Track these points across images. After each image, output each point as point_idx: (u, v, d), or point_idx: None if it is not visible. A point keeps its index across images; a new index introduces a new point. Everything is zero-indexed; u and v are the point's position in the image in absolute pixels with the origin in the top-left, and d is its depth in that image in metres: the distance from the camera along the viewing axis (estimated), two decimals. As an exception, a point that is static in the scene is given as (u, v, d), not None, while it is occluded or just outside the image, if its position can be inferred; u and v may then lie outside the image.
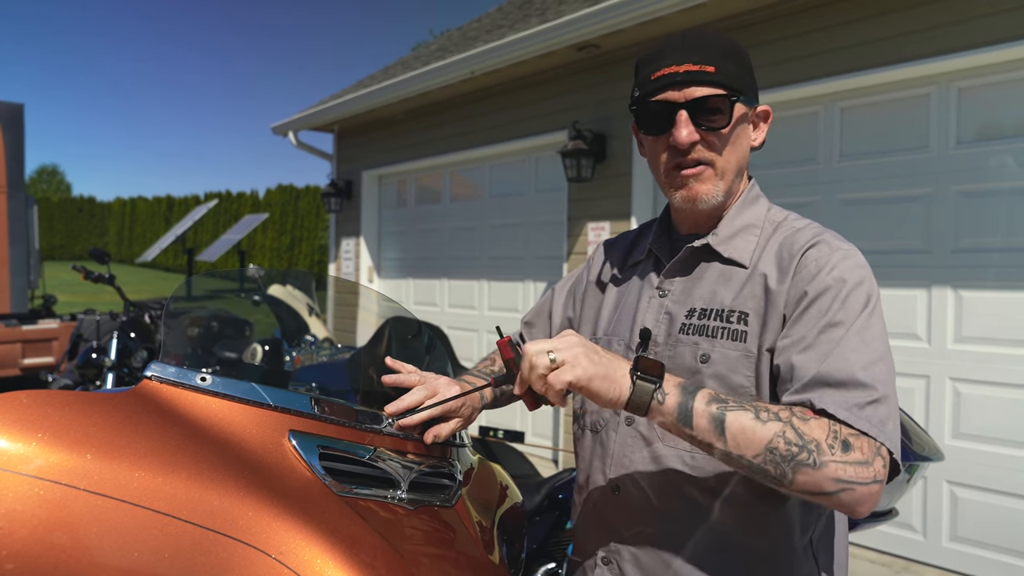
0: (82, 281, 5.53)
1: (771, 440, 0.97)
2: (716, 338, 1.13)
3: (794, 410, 1.00)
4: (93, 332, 6.04)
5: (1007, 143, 3.51)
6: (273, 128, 8.31)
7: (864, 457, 0.97)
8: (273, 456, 0.99)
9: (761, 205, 1.24)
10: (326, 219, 21.01)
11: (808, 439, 0.97)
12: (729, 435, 0.98)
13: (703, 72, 1.12)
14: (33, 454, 0.82)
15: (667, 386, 1.00)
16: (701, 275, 1.20)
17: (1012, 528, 3.45)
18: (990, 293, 3.54)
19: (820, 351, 1.04)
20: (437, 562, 1.06)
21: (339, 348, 3.59)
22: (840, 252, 1.11)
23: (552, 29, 4.96)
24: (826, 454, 0.96)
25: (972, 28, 3.49)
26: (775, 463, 0.97)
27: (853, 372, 1.01)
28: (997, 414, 3.50)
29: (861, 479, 0.97)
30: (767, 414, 0.99)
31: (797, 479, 0.97)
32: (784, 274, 1.11)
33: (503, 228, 6.47)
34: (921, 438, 2.02)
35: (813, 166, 4.21)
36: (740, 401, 1.01)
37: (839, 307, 1.06)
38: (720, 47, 1.15)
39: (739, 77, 1.15)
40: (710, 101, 1.13)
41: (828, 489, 0.97)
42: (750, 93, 1.18)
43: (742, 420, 0.98)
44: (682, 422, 0.99)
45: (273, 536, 0.88)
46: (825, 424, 0.98)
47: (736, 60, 1.16)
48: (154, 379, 0.99)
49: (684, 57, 1.13)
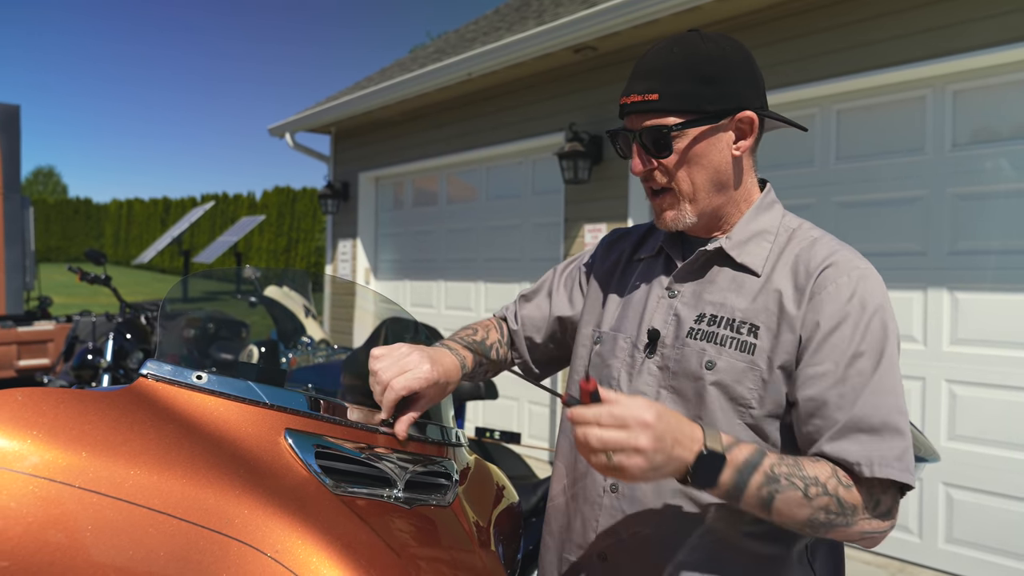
0: (78, 282, 5.52)
1: (813, 515, 1.02)
2: (724, 347, 1.13)
3: (840, 477, 1.03)
4: (89, 334, 6.02)
5: (1002, 146, 3.53)
6: (270, 130, 8.31)
7: (887, 508, 1.05)
8: (269, 454, 0.99)
9: (776, 211, 1.23)
10: (323, 221, 21.00)
11: (848, 507, 1.02)
12: (775, 511, 1.02)
13: (646, 102, 1.13)
14: (28, 452, 0.82)
15: (725, 474, 0.99)
16: (713, 279, 1.19)
17: (1007, 530, 3.45)
18: (986, 295, 3.55)
19: (850, 387, 1.06)
20: (433, 561, 1.06)
21: (335, 349, 3.59)
22: (857, 272, 1.11)
23: (549, 31, 4.97)
24: (859, 515, 1.03)
25: (967, 31, 3.51)
26: (812, 527, 1.03)
27: (888, 416, 1.05)
28: (993, 416, 3.51)
29: (882, 528, 1.05)
30: (816, 488, 1.01)
31: (828, 534, 1.05)
32: (800, 294, 1.11)
33: (500, 230, 6.48)
34: (918, 439, 2.01)
35: (810, 168, 4.22)
36: (793, 475, 1.01)
37: (861, 337, 1.07)
38: (671, 67, 1.12)
39: (694, 95, 1.12)
40: (653, 133, 1.13)
41: (854, 540, 1.06)
42: (712, 106, 1.12)
43: (790, 501, 1.01)
44: (729, 499, 1.02)
45: (269, 534, 0.88)
46: (865, 489, 1.03)
47: (692, 75, 1.12)
48: (150, 377, 0.99)
49: (633, 86, 1.15)
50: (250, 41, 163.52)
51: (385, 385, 1.14)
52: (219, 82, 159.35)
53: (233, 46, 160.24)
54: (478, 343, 1.38)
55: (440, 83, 6.06)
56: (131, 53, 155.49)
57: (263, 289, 4.08)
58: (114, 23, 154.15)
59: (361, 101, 6.93)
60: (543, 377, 1.48)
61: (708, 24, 4.49)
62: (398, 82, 6.43)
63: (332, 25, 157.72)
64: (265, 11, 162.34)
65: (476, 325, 1.45)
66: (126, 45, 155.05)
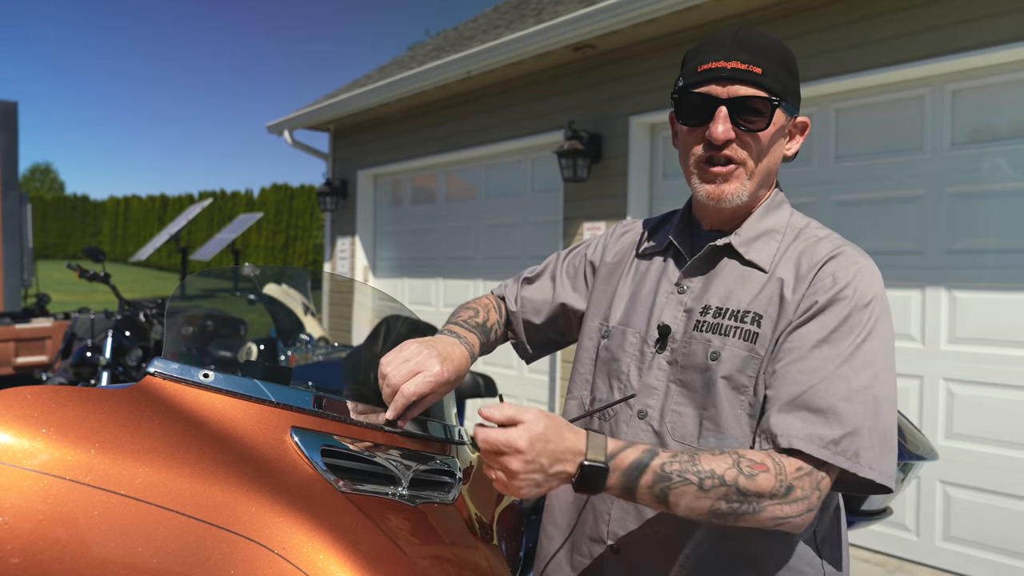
0: (76, 280, 5.51)
1: (713, 505, 1.02)
2: (728, 336, 1.14)
3: (742, 466, 1.02)
4: (87, 331, 6.02)
5: (1001, 145, 3.54)
6: (268, 127, 8.30)
7: (804, 494, 1.03)
8: (275, 452, 0.99)
9: (784, 211, 1.25)
10: (321, 218, 20.98)
11: (751, 495, 1.01)
12: (672, 505, 1.03)
13: (750, 72, 1.12)
14: (37, 449, 0.83)
15: (612, 478, 1.01)
16: (720, 272, 1.21)
17: (1004, 528, 3.47)
18: (983, 294, 3.56)
19: (810, 367, 1.07)
20: (437, 559, 1.06)
21: (335, 347, 3.59)
22: (856, 266, 1.12)
23: (548, 29, 4.97)
24: (766, 501, 1.02)
25: (966, 31, 3.51)
26: (718, 518, 1.03)
27: (837, 404, 1.04)
28: (990, 414, 3.52)
29: (796, 513, 1.03)
30: (712, 480, 1.01)
31: (739, 523, 1.04)
32: (800, 283, 1.13)
33: (499, 228, 6.48)
34: (916, 437, 2.03)
35: (808, 167, 4.23)
36: (686, 470, 1.01)
37: (839, 324, 1.08)
38: (771, 50, 1.15)
39: (785, 84, 1.15)
40: (752, 102, 1.13)
41: (766, 525, 1.04)
42: (793, 101, 1.18)
43: (686, 497, 1.01)
44: (627, 498, 1.03)
45: (276, 531, 0.89)
46: (772, 476, 1.02)
47: (785, 66, 1.16)
48: (157, 375, 1.00)
49: (733, 54, 1.13)
50: (249, 38, 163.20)
51: (395, 388, 1.14)
52: (217, 79, 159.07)
53: (232, 43, 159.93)
54: (480, 325, 1.39)
55: (439, 81, 6.06)
56: (129, 50, 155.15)
57: (262, 287, 4.08)
58: (112, 20, 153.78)
59: (360, 99, 6.92)
60: (536, 358, 1.50)
61: (707, 23, 4.50)
62: (397, 80, 6.43)
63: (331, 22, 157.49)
64: (264, 8, 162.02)
65: (476, 305, 1.44)
66: (124, 42, 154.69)
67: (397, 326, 1.94)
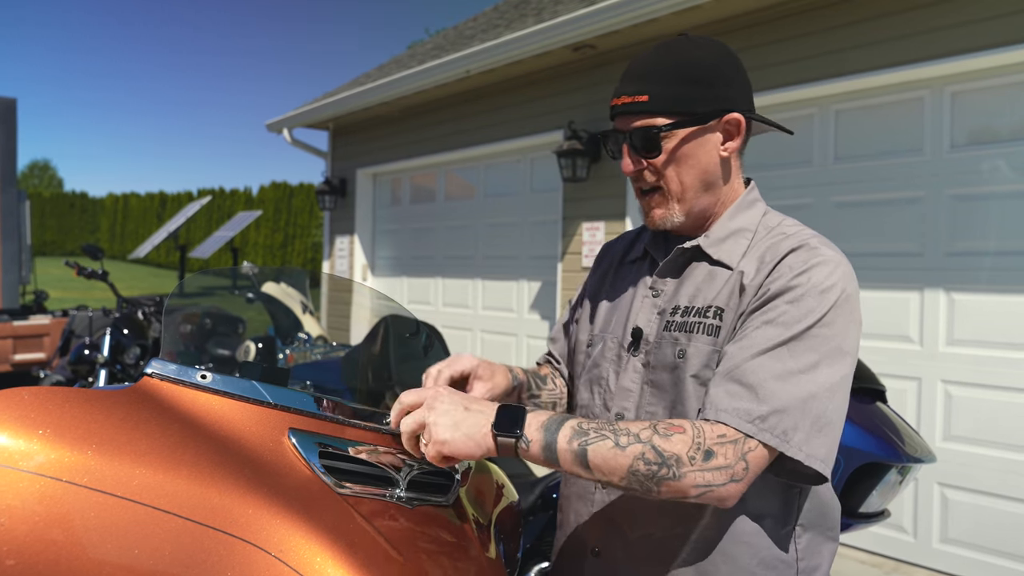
0: (75, 277, 5.51)
1: (631, 464, 1.01)
2: (693, 333, 1.16)
3: (658, 427, 1.03)
4: (85, 328, 6.01)
5: (1000, 147, 3.54)
6: (268, 125, 8.29)
7: (726, 462, 1.02)
8: (273, 454, 0.99)
9: (756, 210, 1.25)
10: (320, 216, 20.97)
11: (668, 456, 1.01)
12: (593, 466, 1.02)
13: (636, 103, 1.16)
14: (34, 450, 0.82)
15: (529, 431, 1.03)
16: (690, 274, 1.23)
17: (1002, 530, 3.47)
18: (982, 296, 3.56)
19: (747, 345, 1.07)
20: (435, 561, 1.06)
21: (333, 346, 3.59)
22: (819, 257, 1.11)
23: (548, 29, 4.96)
24: (685, 466, 1.01)
25: (966, 33, 3.51)
26: (639, 483, 1.02)
27: (766, 382, 1.04)
28: (988, 416, 3.52)
29: (718, 481, 1.01)
30: (627, 438, 1.02)
31: (662, 491, 1.02)
32: (760, 273, 1.14)
33: (498, 227, 6.48)
34: (913, 440, 2.03)
35: (808, 168, 4.23)
36: (603, 428, 1.04)
37: (787, 308, 1.08)
38: (661, 69, 1.16)
39: (682, 97, 1.15)
40: (643, 133, 1.17)
41: (690, 494, 1.02)
42: (703, 106, 1.16)
43: (602, 452, 1.02)
44: (549, 461, 1.04)
45: (273, 534, 0.89)
46: (689, 438, 1.02)
47: (682, 78, 1.15)
48: (155, 376, 0.99)
49: (623, 88, 1.19)
50: (248, 37, 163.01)
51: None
52: (217, 77, 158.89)
53: (231, 41, 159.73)
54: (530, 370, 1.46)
55: (438, 80, 6.06)
56: (128, 47, 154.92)
57: (260, 285, 4.07)
58: (111, 17, 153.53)
59: (359, 97, 6.92)
60: None
61: (708, 23, 4.50)
62: (396, 79, 6.42)
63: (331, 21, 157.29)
64: (263, 7, 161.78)
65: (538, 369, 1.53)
66: (123, 39, 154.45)
67: (396, 326, 1.94)
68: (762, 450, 1.03)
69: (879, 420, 1.97)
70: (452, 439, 1.03)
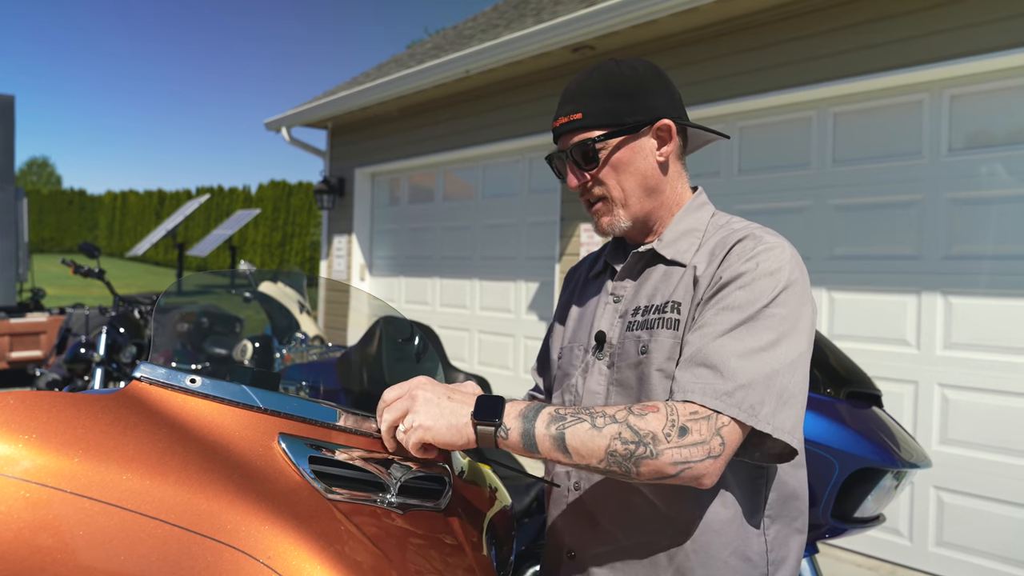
0: (71, 275, 5.50)
1: (609, 445, 1.04)
2: (655, 328, 1.21)
3: (632, 408, 1.06)
4: (82, 326, 6.00)
5: (998, 151, 3.53)
6: (266, 124, 8.29)
7: (701, 438, 1.04)
8: (262, 459, 0.98)
9: (705, 212, 1.31)
10: (318, 215, 20.95)
11: (644, 433, 1.04)
12: (571, 450, 1.05)
13: (572, 121, 1.25)
14: (20, 456, 0.81)
15: (508, 420, 1.07)
16: (648, 277, 1.29)
17: (998, 534, 3.47)
18: (979, 300, 3.56)
19: (708, 331, 1.11)
20: (426, 566, 1.06)
21: (330, 347, 3.58)
22: (764, 244, 1.17)
23: (547, 30, 4.96)
24: (662, 443, 1.03)
25: (965, 36, 3.51)
26: (618, 463, 1.04)
27: (728, 360, 1.08)
28: (984, 420, 3.52)
29: (696, 457, 1.04)
30: (603, 419, 1.05)
31: (641, 471, 1.04)
32: (711, 265, 1.19)
33: (496, 228, 6.47)
34: (909, 445, 2.02)
35: (806, 171, 4.23)
36: (579, 412, 1.07)
37: (740, 293, 1.12)
38: (591, 87, 1.24)
39: (612, 109, 1.23)
40: (580, 147, 1.25)
41: (669, 472, 1.04)
42: (636, 116, 1.23)
43: (580, 434, 1.05)
44: (529, 448, 1.07)
45: (261, 540, 0.88)
46: (663, 415, 1.05)
47: (611, 92, 1.23)
48: (143, 380, 0.98)
49: (561, 110, 1.27)
50: (247, 35, 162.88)
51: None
52: (216, 75, 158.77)
53: (231, 40, 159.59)
54: None
55: (437, 80, 6.05)
56: (127, 45, 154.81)
57: (258, 284, 4.07)
58: (110, 14, 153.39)
59: (358, 97, 6.91)
60: None
61: (707, 25, 4.50)
62: (395, 78, 6.41)
63: (330, 20, 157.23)
64: (263, 5, 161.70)
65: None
66: (122, 37, 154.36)
67: (390, 328, 1.94)
68: (734, 425, 1.06)
69: (875, 425, 1.97)
70: (435, 426, 1.06)
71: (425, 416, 1.07)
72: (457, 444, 1.07)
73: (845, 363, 2.07)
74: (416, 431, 1.06)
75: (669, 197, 1.29)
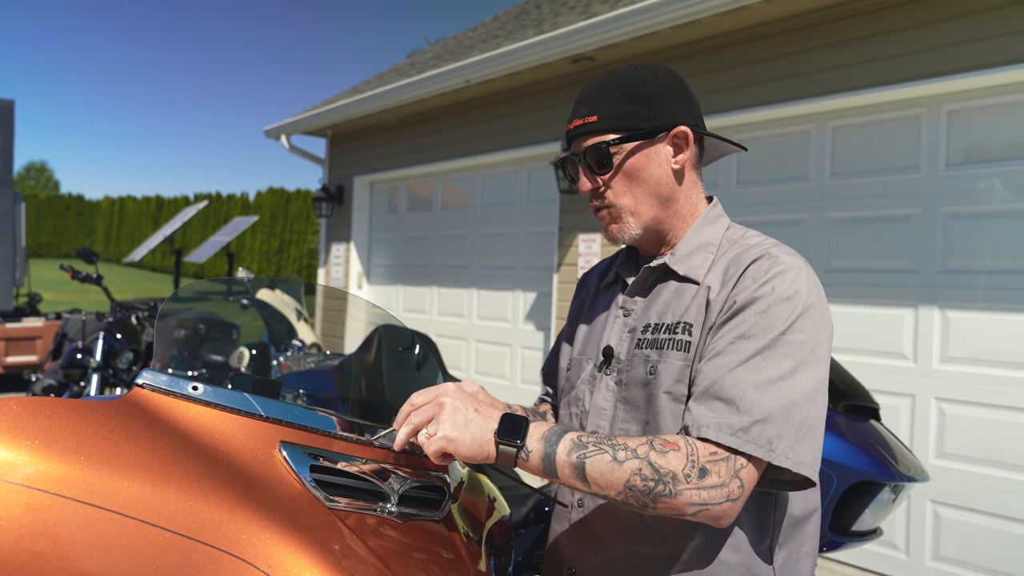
0: (69, 281, 5.49)
1: (628, 480, 1.03)
2: (664, 349, 1.18)
3: (654, 443, 1.04)
4: (78, 332, 5.99)
5: (996, 166, 3.55)
6: (266, 131, 8.29)
7: (720, 480, 1.03)
8: (263, 467, 0.98)
9: (719, 225, 1.27)
10: (316, 223, 20.95)
11: (664, 472, 1.02)
12: (590, 480, 1.04)
13: (586, 124, 1.22)
14: (22, 462, 0.81)
15: (531, 442, 1.06)
16: (659, 293, 1.25)
17: (994, 548, 3.47)
18: (976, 314, 3.57)
19: (723, 362, 1.08)
20: (425, 575, 1.06)
21: (327, 355, 3.58)
22: (780, 266, 1.13)
23: (547, 41, 4.98)
24: (681, 483, 1.02)
25: (963, 52, 3.53)
26: (636, 498, 1.03)
27: (745, 393, 1.05)
28: (981, 434, 3.52)
29: (715, 500, 1.03)
30: (625, 452, 1.04)
31: (658, 508, 1.04)
32: (725, 286, 1.15)
33: (494, 238, 6.48)
34: (907, 458, 2.03)
35: (804, 184, 4.24)
36: (601, 442, 1.06)
37: (756, 320, 1.09)
38: (608, 90, 1.21)
39: (629, 114, 1.20)
40: (594, 150, 1.22)
41: (687, 512, 1.03)
42: (653, 122, 1.20)
43: (600, 466, 1.04)
44: (548, 472, 1.06)
45: (262, 548, 0.88)
46: (683, 455, 1.03)
47: (628, 96, 1.20)
48: (145, 387, 0.98)
49: (574, 113, 1.24)
50: (248, 43, 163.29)
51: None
52: (216, 82, 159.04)
53: (230, 47, 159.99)
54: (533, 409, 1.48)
55: (437, 89, 6.07)
56: (127, 50, 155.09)
57: (255, 291, 4.07)
58: (110, 21, 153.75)
59: (358, 105, 6.92)
60: None
61: (707, 38, 4.52)
62: (395, 87, 6.43)
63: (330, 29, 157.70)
64: (264, 13, 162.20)
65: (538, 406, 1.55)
66: (122, 43, 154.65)
67: (389, 336, 1.94)
68: (752, 466, 1.04)
69: (872, 438, 1.97)
70: (460, 438, 1.06)
71: (451, 427, 1.06)
72: (477, 459, 1.06)
73: (843, 376, 2.08)
74: (439, 440, 1.06)
75: (683, 207, 1.26)
